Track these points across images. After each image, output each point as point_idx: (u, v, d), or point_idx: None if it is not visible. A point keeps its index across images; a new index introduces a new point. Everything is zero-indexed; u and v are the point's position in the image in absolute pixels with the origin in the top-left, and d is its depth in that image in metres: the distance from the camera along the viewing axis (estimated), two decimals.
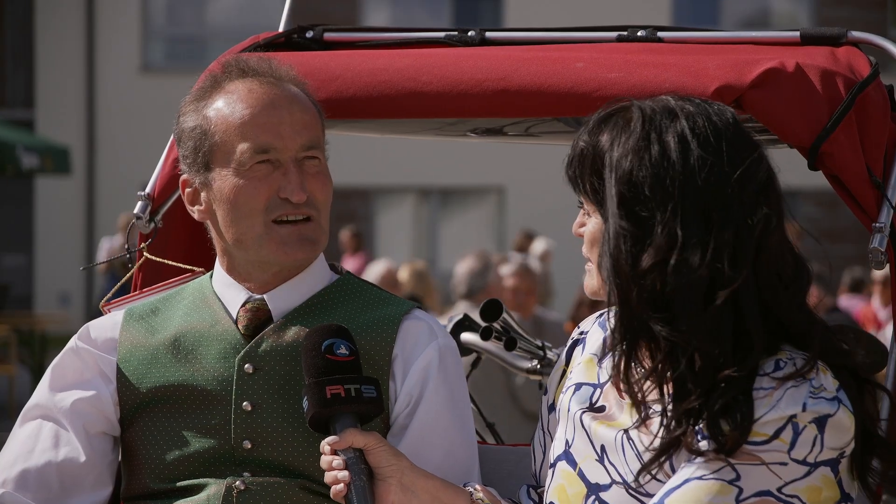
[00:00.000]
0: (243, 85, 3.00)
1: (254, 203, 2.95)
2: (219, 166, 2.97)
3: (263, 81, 3.00)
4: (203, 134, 2.98)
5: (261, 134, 2.95)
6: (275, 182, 2.95)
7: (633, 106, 2.63)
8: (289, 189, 2.95)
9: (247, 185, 2.95)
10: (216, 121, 2.97)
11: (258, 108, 2.97)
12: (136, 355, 3.03)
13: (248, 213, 2.95)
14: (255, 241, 2.97)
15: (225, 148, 2.96)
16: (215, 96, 3.00)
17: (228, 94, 2.99)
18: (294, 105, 3.00)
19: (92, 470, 3.01)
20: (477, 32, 3.38)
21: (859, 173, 2.99)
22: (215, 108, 2.98)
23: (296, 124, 2.98)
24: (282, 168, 2.96)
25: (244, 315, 3.01)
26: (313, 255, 3.01)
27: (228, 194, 2.96)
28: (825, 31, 3.22)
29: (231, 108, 2.97)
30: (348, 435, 2.74)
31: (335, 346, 2.81)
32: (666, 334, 2.51)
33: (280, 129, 2.96)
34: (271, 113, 2.96)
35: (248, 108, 2.97)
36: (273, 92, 2.99)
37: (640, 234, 2.54)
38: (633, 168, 2.55)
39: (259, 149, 2.95)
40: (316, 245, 3.00)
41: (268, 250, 2.97)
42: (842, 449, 2.52)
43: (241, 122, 2.96)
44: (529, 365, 4.06)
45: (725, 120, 2.60)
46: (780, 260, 2.56)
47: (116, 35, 23.58)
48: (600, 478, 2.65)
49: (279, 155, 2.96)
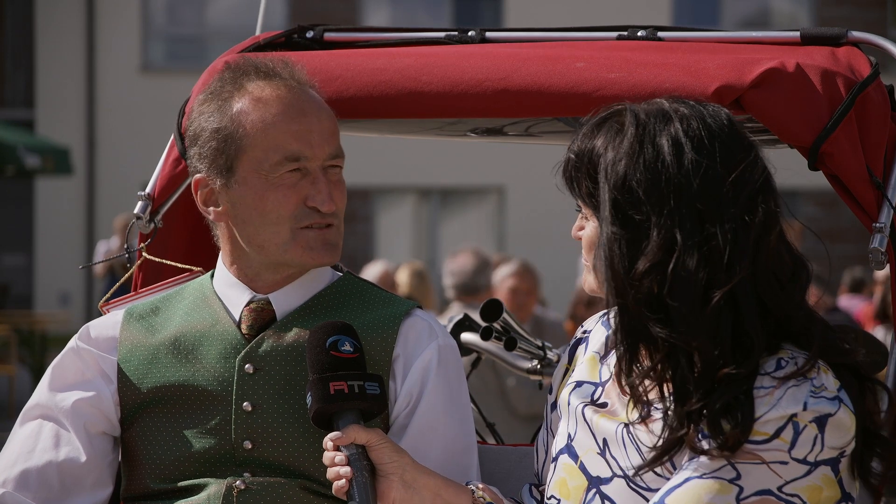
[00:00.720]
0: (270, 89, 2.98)
1: (282, 210, 2.95)
2: (244, 171, 2.96)
3: (289, 87, 2.99)
4: (229, 136, 2.96)
5: (293, 142, 2.95)
6: (302, 190, 2.95)
7: (626, 109, 2.63)
8: (318, 199, 2.95)
9: (275, 193, 2.94)
10: (245, 125, 2.95)
11: (289, 115, 2.95)
12: (137, 355, 3.03)
13: (275, 220, 2.95)
14: (279, 246, 2.97)
15: (253, 153, 2.95)
16: (239, 97, 2.97)
17: (255, 99, 2.96)
18: (322, 113, 3.00)
19: (92, 470, 3.01)
20: (477, 32, 3.38)
21: (859, 173, 2.99)
22: (243, 112, 2.96)
23: (324, 133, 2.98)
24: (309, 176, 2.96)
25: (248, 315, 3.01)
26: (336, 259, 3.03)
27: (255, 200, 2.95)
28: (825, 31, 3.22)
29: (261, 114, 2.95)
30: (351, 431, 2.74)
31: (340, 342, 2.81)
32: (664, 336, 2.52)
33: (310, 138, 2.96)
34: (302, 121, 2.96)
35: (278, 114, 2.95)
36: (301, 98, 2.98)
37: (635, 238, 2.54)
38: (627, 172, 2.56)
39: (291, 157, 2.94)
40: (337, 250, 3.02)
41: (293, 255, 2.97)
42: (842, 448, 2.52)
43: (273, 129, 2.94)
44: (529, 365, 4.06)
45: (720, 121, 2.60)
46: (778, 260, 2.56)
47: (116, 35, 23.58)
48: (602, 471, 2.65)
49: (308, 163, 2.96)
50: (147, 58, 23.81)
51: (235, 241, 3.02)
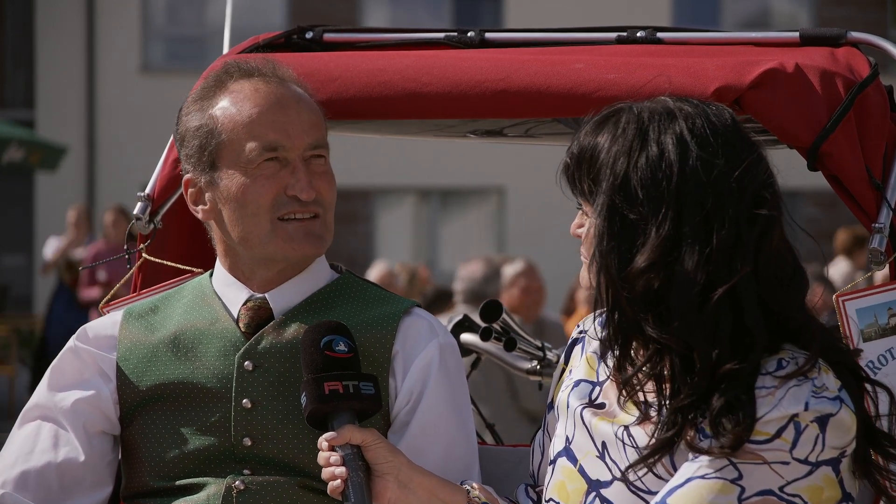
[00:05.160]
0: (249, 84, 3.01)
1: (261, 200, 2.96)
2: (225, 165, 2.98)
3: (269, 81, 3.02)
4: (209, 133, 2.99)
5: (269, 132, 2.96)
6: (282, 180, 2.96)
7: (629, 108, 2.64)
8: (297, 187, 2.96)
9: (254, 183, 2.96)
10: (223, 119, 2.98)
11: (266, 106, 2.98)
12: (136, 353, 3.04)
13: (255, 211, 2.96)
14: (261, 238, 2.97)
15: (232, 146, 2.97)
16: (220, 96, 3.01)
17: (234, 94, 3.00)
18: (301, 104, 3.01)
19: (92, 470, 3.02)
20: (476, 33, 3.39)
21: (859, 174, 2.99)
22: (221, 107, 2.99)
23: (303, 123, 2.99)
24: (289, 166, 2.97)
25: (245, 313, 3.01)
26: (320, 250, 3.02)
27: (236, 192, 2.97)
28: (825, 31, 3.22)
29: (238, 107, 2.98)
30: (346, 431, 2.75)
31: (334, 342, 2.82)
32: (656, 335, 2.53)
33: (288, 128, 2.97)
34: (279, 111, 2.98)
35: (255, 106, 2.98)
36: (279, 91, 3.01)
37: (633, 236, 2.55)
38: (628, 170, 2.56)
39: (268, 146, 2.95)
40: (322, 241, 3.01)
41: (275, 246, 2.98)
42: (843, 448, 2.53)
43: (248, 121, 2.96)
44: (529, 366, 4.06)
45: (724, 120, 2.61)
46: (779, 259, 2.56)
47: (116, 35, 23.57)
48: (601, 474, 2.65)
49: (287, 153, 2.97)
50: (147, 58, 23.80)
51: (224, 238, 3.04)
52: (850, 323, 2.94)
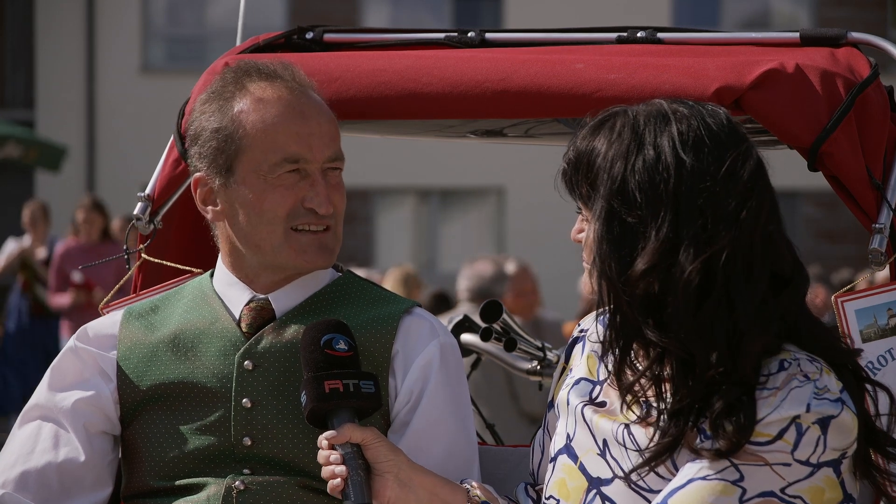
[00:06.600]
0: (272, 90, 2.99)
1: (278, 210, 2.96)
2: (244, 171, 2.97)
3: (291, 88, 3.00)
4: (229, 137, 2.97)
5: (292, 144, 2.96)
6: (300, 191, 2.97)
7: (624, 111, 2.64)
8: (316, 201, 2.96)
9: (273, 193, 2.96)
10: (246, 125, 2.96)
11: (290, 117, 2.97)
12: (136, 353, 3.04)
13: (270, 220, 2.96)
14: (273, 246, 2.98)
15: (253, 154, 2.96)
16: (240, 97, 2.99)
17: (257, 99, 2.98)
18: (322, 116, 3.01)
19: (92, 470, 3.02)
20: (477, 33, 3.39)
21: (859, 174, 2.99)
22: (243, 112, 2.97)
23: (324, 136, 2.99)
24: (308, 178, 2.97)
25: (248, 314, 3.01)
26: (330, 262, 3.04)
27: (253, 200, 2.97)
28: (825, 31, 3.22)
29: (261, 115, 2.97)
30: (346, 430, 2.75)
31: (334, 341, 2.82)
32: (655, 339, 2.53)
33: (310, 141, 2.97)
34: (302, 123, 2.97)
35: (279, 115, 2.97)
36: (302, 101, 3.00)
37: (633, 240, 2.55)
38: (626, 174, 2.56)
39: (290, 159, 2.95)
40: (333, 254, 3.03)
41: (286, 256, 2.98)
42: (844, 450, 2.53)
43: (273, 130, 2.96)
44: (529, 366, 4.06)
45: (719, 120, 2.61)
46: (778, 259, 2.56)
47: (116, 35, 23.57)
48: (602, 472, 2.65)
49: (307, 165, 2.97)
50: (147, 58, 23.80)
51: (233, 240, 3.03)
52: (850, 323, 2.95)
